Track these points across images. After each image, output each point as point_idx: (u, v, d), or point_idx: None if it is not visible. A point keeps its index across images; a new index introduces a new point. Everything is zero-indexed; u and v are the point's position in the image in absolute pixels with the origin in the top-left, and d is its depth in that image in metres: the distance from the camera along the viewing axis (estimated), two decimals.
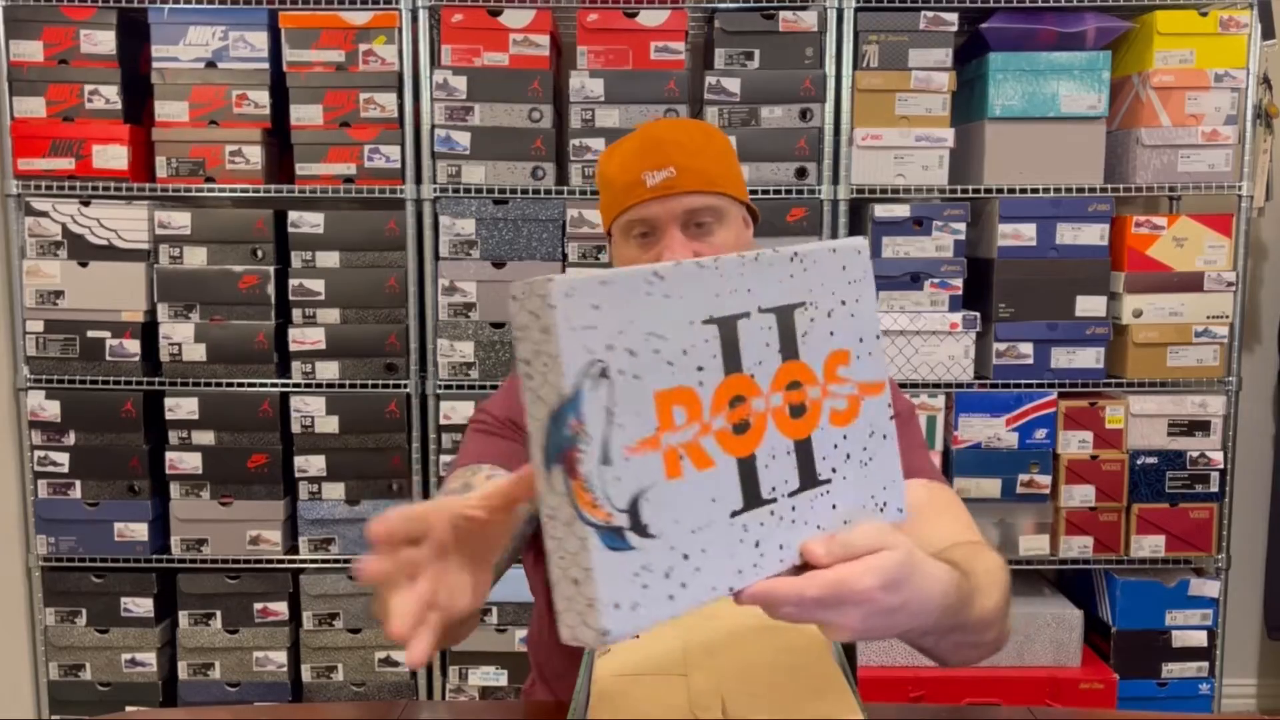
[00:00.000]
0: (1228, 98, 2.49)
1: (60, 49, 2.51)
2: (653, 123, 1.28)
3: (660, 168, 1.21)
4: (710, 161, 1.23)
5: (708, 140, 1.25)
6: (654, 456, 0.64)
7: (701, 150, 1.23)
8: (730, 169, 1.26)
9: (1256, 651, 2.99)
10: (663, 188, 1.20)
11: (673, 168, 1.20)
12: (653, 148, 1.22)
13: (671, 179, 1.20)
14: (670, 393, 0.66)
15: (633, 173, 1.22)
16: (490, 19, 2.48)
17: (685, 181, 1.20)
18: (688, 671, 0.93)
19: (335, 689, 2.62)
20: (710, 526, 0.67)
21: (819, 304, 0.74)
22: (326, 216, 2.53)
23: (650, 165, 1.21)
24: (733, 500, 0.68)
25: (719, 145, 1.26)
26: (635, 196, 1.21)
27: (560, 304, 0.61)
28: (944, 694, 2.48)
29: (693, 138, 1.24)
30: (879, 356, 0.78)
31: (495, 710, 1.68)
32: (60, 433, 2.56)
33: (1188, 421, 2.54)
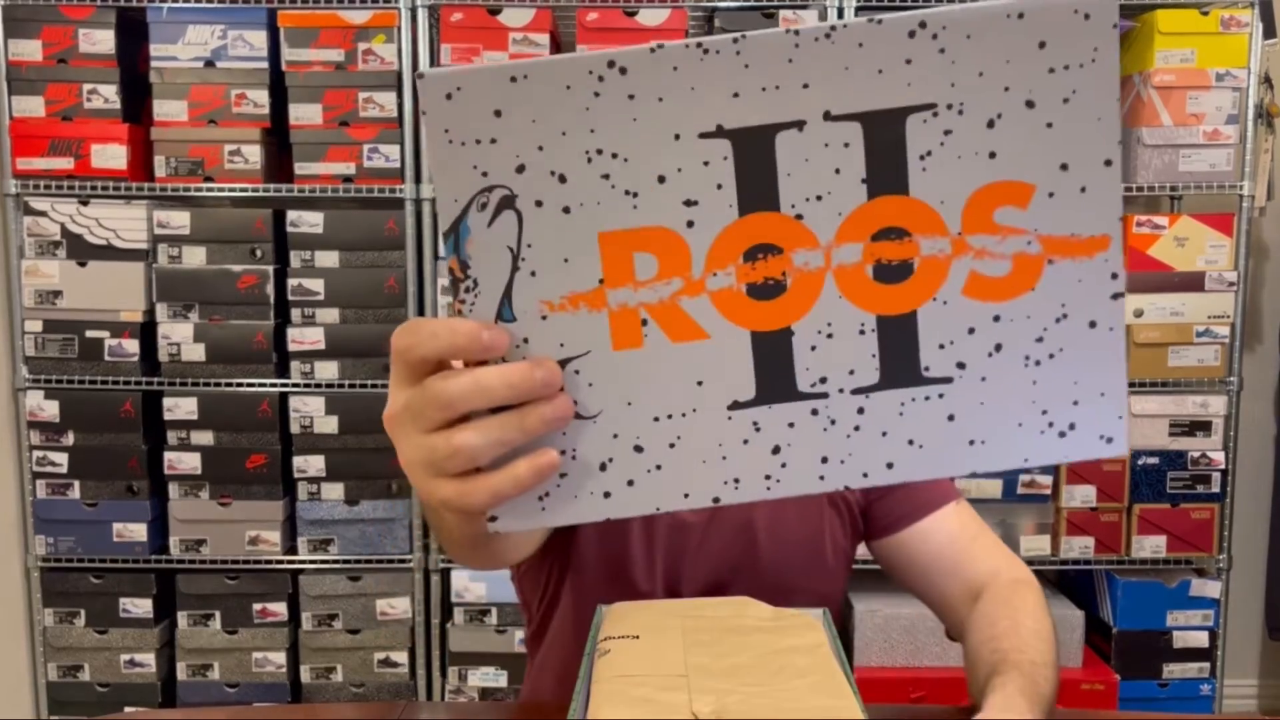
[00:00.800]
0: (1229, 97, 2.49)
1: (59, 48, 2.50)
2: None
3: None
4: None
5: None
6: (593, 318, 0.50)
7: None
8: None
9: (1258, 652, 2.99)
10: None
11: None
12: None
13: None
14: (629, 234, 0.49)
15: None
16: (490, 18, 2.48)
17: None
18: (688, 673, 0.93)
19: (334, 690, 2.62)
20: (690, 417, 0.51)
21: (968, 104, 0.48)
22: (326, 216, 2.52)
23: None
24: (737, 387, 0.51)
25: None
26: None
27: (435, 109, 0.46)
28: (944, 694, 2.47)
29: None
30: (1106, 192, 0.52)
31: (495, 710, 1.67)
32: (59, 433, 2.56)
33: (1189, 422, 2.54)
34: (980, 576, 1.17)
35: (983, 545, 1.20)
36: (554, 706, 1.20)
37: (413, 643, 2.62)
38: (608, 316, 0.50)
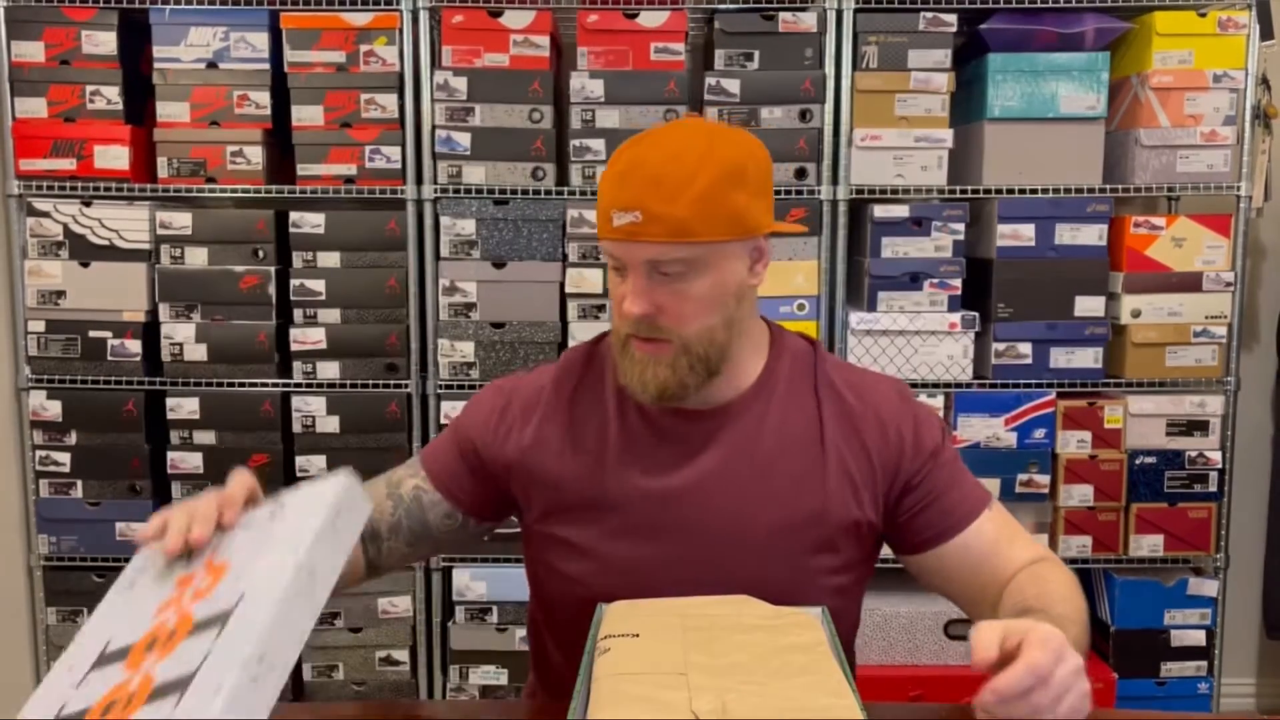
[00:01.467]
0: (1226, 98, 2.50)
1: (61, 49, 2.51)
2: (656, 137, 1.15)
3: (627, 208, 1.10)
4: (686, 205, 1.09)
5: (698, 172, 1.10)
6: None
7: (680, 192, 1.09)
8: (718, 206, 1.11)
9: (1255, 651, 3.00)
10: (626, 232, 1.11)
11: (639, 212, 1.10)
12: (628, 180, 1.12)
13: (635, 225, 1.10)
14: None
15: (605, 201, 1.13)
16: (491, 20, 2.49)
17: (649, 230, 1.10)
18: (688, 671, 0.93)
19: (336, 688, 2.63)
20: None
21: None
22: (327, 217, 2.53)
23: (620, 203, 1.11)
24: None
25: (714, 179, 1.11)
26: (604, 231, 1.14)
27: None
28: (944, 693, 2.48)
29: (678, 173, 1.10)
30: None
31: (495, 710, 1.68)
32: (62, 432, 2.57)
33: (1186, 421, 2.55)
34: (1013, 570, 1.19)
35: (1019, 545, 1.21)
36: (554, 706, 1.21)
37: (414, 641, 2.63)
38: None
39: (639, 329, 1.15)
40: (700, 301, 1.14)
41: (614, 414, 1.24)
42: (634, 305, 1.13)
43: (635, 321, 1.14)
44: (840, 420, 1.23)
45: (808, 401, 1.23)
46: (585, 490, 1.23)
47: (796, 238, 2.50)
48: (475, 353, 2.53)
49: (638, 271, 1.13)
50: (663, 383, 1.16)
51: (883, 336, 2.50)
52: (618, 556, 1.22)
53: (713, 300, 1.15)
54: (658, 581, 1.16)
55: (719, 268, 1.14)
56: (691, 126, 1.16)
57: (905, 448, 1.22)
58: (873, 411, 1.23)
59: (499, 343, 2.53)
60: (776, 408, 1.23)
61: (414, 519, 1.29)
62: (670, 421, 1.22)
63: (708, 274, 1.14)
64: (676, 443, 1.22)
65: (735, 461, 1.21)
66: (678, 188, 1.10)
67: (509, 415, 1.28)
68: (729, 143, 1.15)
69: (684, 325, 1.14)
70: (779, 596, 1.09)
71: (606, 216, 1.13)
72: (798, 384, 1.24)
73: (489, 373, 2.52)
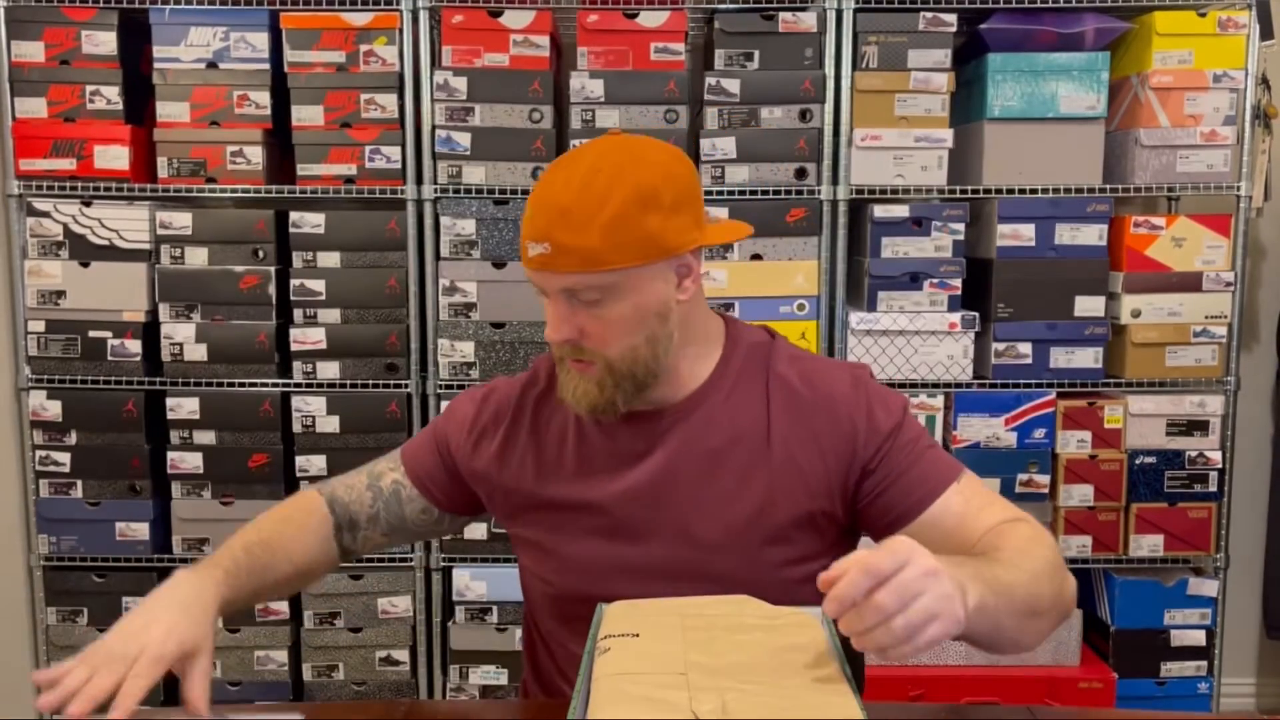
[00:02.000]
0: (1226, 98, 2.50)
1: (61, 49, 2.51)
2: (564, 166, 1.16)
3: (538, 240, 1.13)
4: (597, 235, 1.10)
5: (605, 200, 1.10)
6: None
7: (588, 222, 1.10)
8: (629, 231, 1.11)
9: (1255, 651, 3.00)
10: (538, 262, 1.13)
11: (548, 244, 1.12)
12: (538, 212, 1.13)
13: (546, 255, 1.12)
14: None
15: (524, 232, 1.15)
16: (490, 20, 2.49)
17: (559, 261, 1.12)
18: (687, 671, 0.93)
19: (336, 688, 2.63)
20: None
21: None
22: (327, 217, 2.53)
23: (531, 234, 1.13)
24: None
25: (621, 205, 1.11)
26: (524, 259, 1.17)
27: None
28: (944, 693, 2.48)
29: (587, 204, 1.10)
30: None
31: (495, 710, 1.68)
32: (62, 432, 2.57)
33: (1186, 421, 2.55)
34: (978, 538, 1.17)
35: (990, 513, 1.18)
36: (554, 706, 1.21)
37: (414, 641, 2.63)
38: None
39: (564, 351, 1.20)
40: (620, 324, 1.16)
41: (572, 420, 1.28)
42: (554, 332, 1.18)
43: (559, 345, 1.19)
44: (789, 413, 1.23)
45: (757, 396, 1.25)
46: (544, 494, 1.28)
47: (796, 237, 2.50)
48: (475, 353, 2.53)
49: (556, 299, 1.16)
50: (592, 400, 1.20)
51: (883, 336, 2.50)
52: (575, 556, 1.26)
53: (634, 322, 1.16)
54: (615, 580, 1.20)
55: (638, 290, 1.15)
56: (606, 148, 1.16)
57: (859, 433, 1.21)
58: (824, 401, 1.23)
59: (499, 343, 2.53)
60: (725, 405, 1.24)
61: (391, 513, 1.36)
62: (622, 425, 1.25)
63: (626, 298, 1.15)
64: (628, 445, 1.25)
65: (682, 461, 1.23)
66: (586, 218, 1.11)
67: (479, 425, 1.33)
68: (641, 164, 1.14)
69: (606, 347, 1.17)
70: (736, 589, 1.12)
71: (524, 246, 1.16)
72: (748, 379, 1.26)
73: (489, 373, 2.52)
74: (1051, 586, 1.07)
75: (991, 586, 0.97)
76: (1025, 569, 1.05)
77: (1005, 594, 0.99)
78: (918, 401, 2.50)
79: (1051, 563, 1.09)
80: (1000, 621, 0.99)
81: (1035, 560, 1.07)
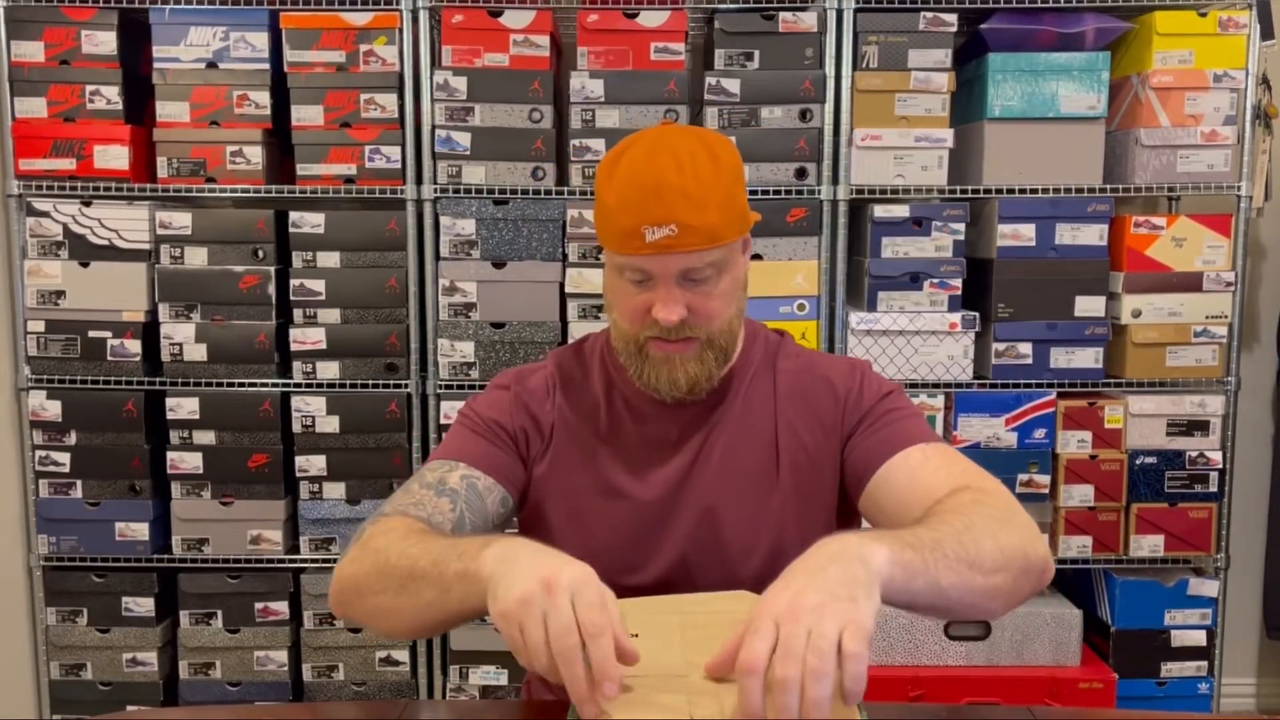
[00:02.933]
0: (1227, 98, 2.49)
1: (61, 49, 2.51)
2: (659, 152, 1.17)
3: (661, 224, 1.14)
4: (715, 211, 1.15)
5: (714, 180, 1.16)
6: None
7: (706, 200, 1.15)
8: (734, 207, 1.19)
9: (1255, 651, 3.00)
10: (662, 246, 1.14)
11: (674, 225, 1.13)
12: (655, 198, 1.14)
13: (672, 238, 1.14)
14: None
15: (632, 220, 1.15)
16: (490, 20, 2.49)
17: (686, 241, 1.14)
18: (687, 673, 0.93)
19: (336, 688, 2.62)
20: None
21: None
22: (327, 217, 2.53)
23: (651, 219, 1.14)
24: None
25: (725, 183, 1.17)
26: (633, 248, 1.16)
27: None
28: (944, 693, 2.48)
29: (699, 183, 1.15)
30: None
31: (495, 710, 1.68)
32: (61, 432, 2.56)
33: (1186, 421, 2.55)
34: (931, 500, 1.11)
35: (944, 476, 1.15)
36: (554, 706, 1.21)
37: (414, 641, 2.63)
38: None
39: (668, 333, 1.20)
40: (724, 297, 1.21)
41: (604, 406, 1.30)
42: (671, 313, 1.17)
43: (668, 328, 1.19)
44: (794, 401, 1.29)
45: (767, 389, 1.30)
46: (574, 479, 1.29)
47: (796, 237, 2.50)
48: (475, 353, 2.53)
49: (667, 281, 1.18)
50: (693, 377, 1.22)
51: (883, 336, 2.50)
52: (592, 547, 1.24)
53: (731, 294, 1.22)
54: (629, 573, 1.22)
55: (734, 263, 1.22)
56: (676, 133, 1.20)
57: (850, 401, 1.27)
58: (823, 381, 1.29)
59: (499, 343, 2.52)
60: (745, 395, 1.30)
61: (475, 510, 1.22)
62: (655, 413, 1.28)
63: (729, 271, 1.21)
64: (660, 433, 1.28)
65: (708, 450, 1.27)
66: (704, 196, 1.15)
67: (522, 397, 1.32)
68: (720, 145, 1.21)
69: (711, 322, 1.20)
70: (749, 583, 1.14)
71: (635, 234, 1.15)
72: (762, 373, 1.32)
73: (489, 373, 2.52)
74: (994, 541, 1.00)
75: (908, 542, 0.93)
76: (954, 525, 1.00)
77: (931, 549, 0.94)
78: (918, 402, 2.50)
79: (995, 518, 1.04)
80: (937, 579, 0.94)
81: (969, 516, 1.02)
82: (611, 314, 1.25)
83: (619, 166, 1.19)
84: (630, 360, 1.24)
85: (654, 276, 1.18)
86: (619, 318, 1.23)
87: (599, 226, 1.23)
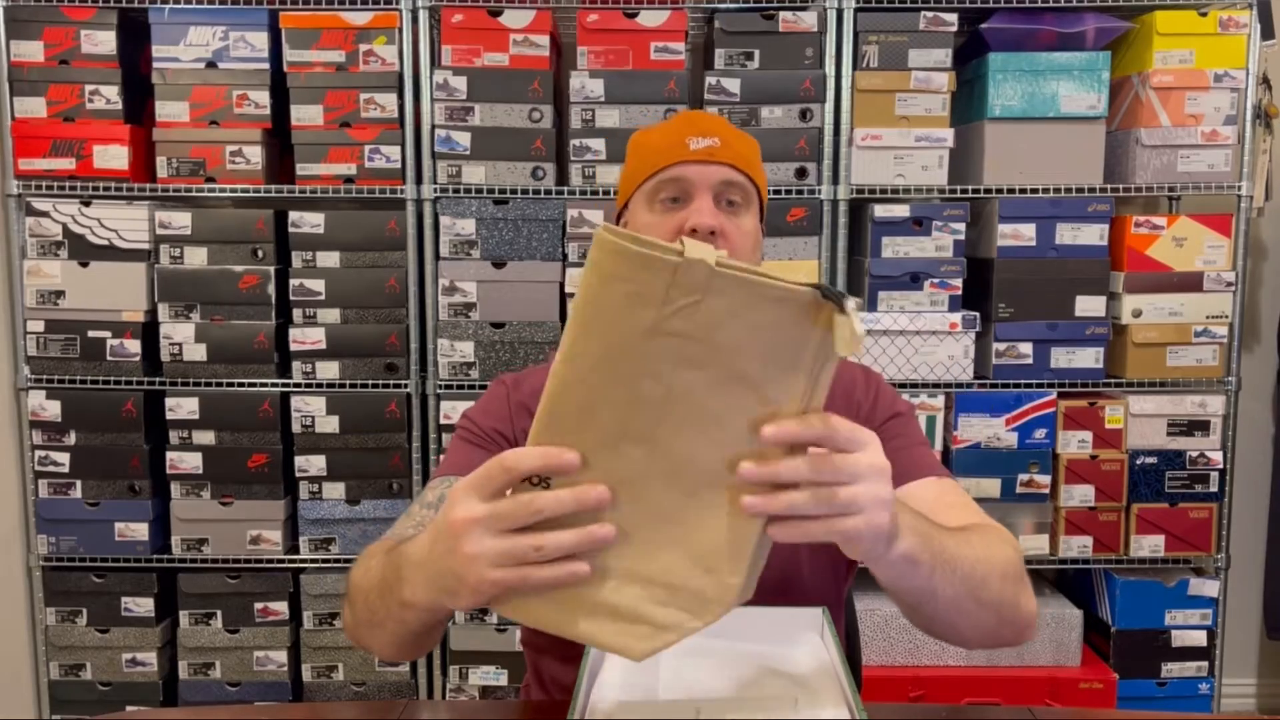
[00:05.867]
0: (1227, 98, 2.49)
1: (61, 49, 2.51)
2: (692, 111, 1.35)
3: (706, 135, 1.25)
4: (747, 146, 1.30)
5: (744, 133, 1.34)
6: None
7: (739, 137, 1.30)
8: (757, 161, 1.32)
9: (1256, 651, 3.00)
10: (705, 153, 1.24)
11: (717, 138, 1.25)
12: (697, 120, 1.29)
13: (715, 147, 1.25)
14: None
15: (676, 136, 1.26)
16: (490, 19, 2.49)
17: (727, 153, 1.25)
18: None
19: (336, 688, 2.62)
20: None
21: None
22: (327, 216, 2.53)
23: (695, 132, 1.25)
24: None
25: (752, 141, 1.34)
26: (676, 156, 1.25)
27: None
28: (944, 694, 2.48)
29: (731, 126, 1.32)
30: None
31: (495, 710, 1.68)
32: (61, 432, 2.56)
33: (1187, 421, 2.54)
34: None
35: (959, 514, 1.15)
36: (554, 706, 1.21)
37: None
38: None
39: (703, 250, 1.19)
40: (749, 237, 1.27)
41: None
42: (709, 218, 1.23)
43: (704, 232, 1.22)
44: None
45: None
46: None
47: (796, 237, 2.49)
48: (475, 353, 2.52)
49: (705, 195, 1.25)
50: None
51: (883, 336, 2.50)
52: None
53: (755, 241, 1.29)
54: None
55: (754, 213, 1.29)
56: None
57: (861, 414, 1.27)
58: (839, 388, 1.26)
59: (499, 343, 2.52)
60: None
61: None
62: None
63: (751, 214, 1.28)
64: None
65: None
66: (738, 135, 1.30)
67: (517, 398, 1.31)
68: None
69: (738, 251, 1.24)
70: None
71: (679, 144, 1.25)
72: None
73: (489, 373, 2.51)
74: (1001, 584, 1.02)
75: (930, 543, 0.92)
76: (976, 552, 1.00)
77: (947, 559, 0.94)
78: (918, 402, 2.50)
79: (1008, 564, 1.05)
80: (935, 586, 0.93)
81: (990, 551, 1.03)
82: None
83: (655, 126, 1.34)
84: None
85: (692, 190, 1.25)
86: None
87: (631, 168, 1.31)
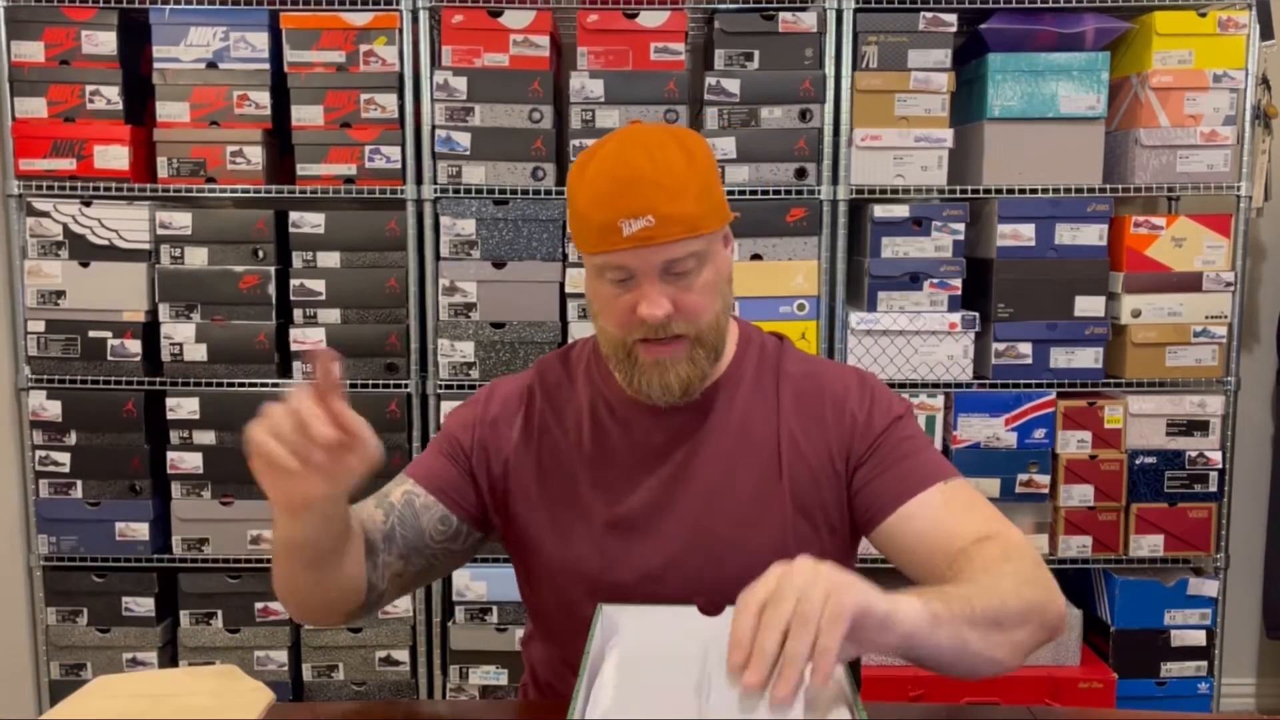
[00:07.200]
0: (1226, 98, 2.50)
1: (61, 49, 2.51)
2: (629, 146, 1.15)
3: (637, 215, 1.11)
4: (691, 201, 1.13)
5: (688, 171, 1.14)
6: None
7: (682, 189, 1.12)
8: (711, 198, 1.16)
9: (1255, 651, 3.00)
10: (640, 237, 1.11)
11: (651, 216, 1.11)
12: (628, 189, 1.11)
13: (649, 229, 1.11)
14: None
15: (607, 215, 1.12)
16: (490, 20, 2.49)
17: (664, 231, 1.11)
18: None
19: (336, 688, 2.63)
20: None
21: None
22: (327, 217, 2.53)
23: (627, 212, 1.11)
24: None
25: (700, 173, 1.15)
26: (610, 244, 1.12)
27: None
28: (944, 693, 2.48)
29: (672, 173, 1.13)
30: None
31: (495, 710, 1.68)
32: (61, 432, 2.56)
33: (1186, 421, 2.55)
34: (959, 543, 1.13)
35: (970, 519, 1.16)
36: (554, 706, 1.21)
37: (414, 641, 2.63)
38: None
39: (655, 332, 1.16)
40: (708, 291, 1.17)
41: (587, 414, 1.27)
42: (656, 308, 1.14)
43: (654, 326, 1.15)
44: (799, 412, 1.25)
45: (769, 395, 1.26)
46: (558, 488, 1.26)
47: (796, 237, 2.50)
48: (475, 353, 2.53)
49: (650, 276, 1.14)
50: (685, 379, 1.18)
51: (883, 336, 2.50)
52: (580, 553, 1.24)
53: (715, 288, 1.18)
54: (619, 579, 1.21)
55: (716, 255, 1.18)
56: (647, 130, 1.18)
57: (858, 426, 1.23)
58: (831, 398, 1.25)
59: (499, 343, 2.52)
60: (740, 401, 1.25)
61: (408, 526, 1.24)
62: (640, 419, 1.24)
63: (710, 263, 1.17)
64: (645, 439, 1.24)
65: (699, 457, 1.23)
66: (680, 185, 1.13)
67: (489, 416, 1.30)
68: (691, 138, 1.19)
69: (698, 318, 1.17)
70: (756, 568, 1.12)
71: (611, 229, 1.12)
72: (761, 378, 1.27)
73: (489, 373, 2.52)
74: (1019, 600, 1.03)
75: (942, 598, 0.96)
76: (984, 584, 1.03)
77: (961, 604, 0.97)
78: (918, 402, 2.50)
79: (1022, 575, 1.07)
80: (962, 633, 0.96)
81: (997, 576, 1.05)
82: (597, 321, 1.21)
83: (589, 167, 1.16)
84: (620, 367, 1.20)
85: (635, 273, 1.14)
86: (605, 323, 1.19)
87: (575, 232, 1.19)
